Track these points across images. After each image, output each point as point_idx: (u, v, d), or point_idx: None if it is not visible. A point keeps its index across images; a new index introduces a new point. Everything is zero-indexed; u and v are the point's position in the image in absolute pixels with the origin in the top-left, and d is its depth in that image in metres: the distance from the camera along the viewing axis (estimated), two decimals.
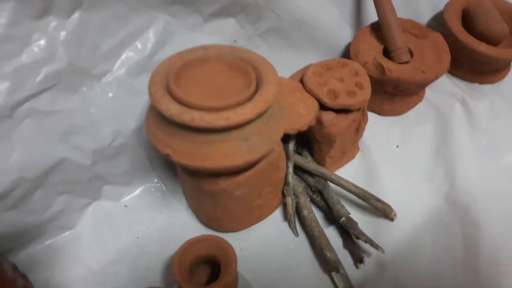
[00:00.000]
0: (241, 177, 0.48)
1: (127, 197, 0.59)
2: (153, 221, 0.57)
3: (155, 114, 0.45)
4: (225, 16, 0.58)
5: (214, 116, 0.40)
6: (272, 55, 0.66)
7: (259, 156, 0.44)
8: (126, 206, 0.58)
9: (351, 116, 0.56)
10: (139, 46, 0.53)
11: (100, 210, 0.57)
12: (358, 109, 0.57)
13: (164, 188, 0.60)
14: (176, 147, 0.43)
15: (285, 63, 0.68)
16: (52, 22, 0.46)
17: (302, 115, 0.54)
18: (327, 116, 0.55)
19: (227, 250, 0.47)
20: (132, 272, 0.52)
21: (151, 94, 0.43)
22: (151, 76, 0.45)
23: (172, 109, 0.41)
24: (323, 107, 0.56)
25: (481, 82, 0.77)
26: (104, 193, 0.57)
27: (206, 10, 0.56)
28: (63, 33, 0.47)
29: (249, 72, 0.45)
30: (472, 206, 0.58)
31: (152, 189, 0.60)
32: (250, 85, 0.44)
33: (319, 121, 0.55)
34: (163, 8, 0.53)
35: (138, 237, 0.55)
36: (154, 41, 0.54)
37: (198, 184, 0.49)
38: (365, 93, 0.55)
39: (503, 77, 0.77)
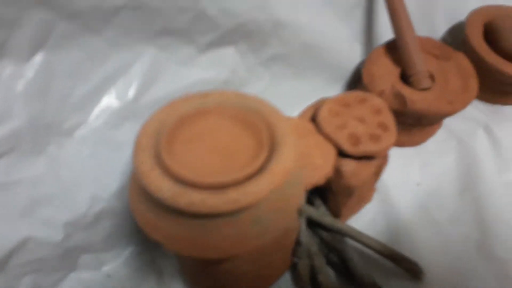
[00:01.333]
0: (248, 253, 0.40)
1: (110, 265, 0.49)
2: None
3: (143, 188, 0.35)
4: (224, 45, 0.49)
5: (219, 198, 0.31)
6: (275, 85, 0.58)
7: (272, 238, 0.35)
8: (108, 276, 0.49)
9: (374, 163, 0.47)
10: (121, 89, 0.44)
11: (77, 284, 0.47)
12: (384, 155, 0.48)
13: (150, 251, 0.50)
14: (170, 234, 0.34)
15: (290, 92, 0.60)
16: (6, 68, 0.37)
17: (318, 166, 0.46)
18: (348, 166, 0.46)
19: None
20: None
21: (136, 166, 0.33)
22: (137, 138, 0.35)
23: (165, 190, 0.32)
24: (340, 153, 0.47)
25: (504, 103, 0.69)
26: (81, 263, 0.47)
27: (202, 39, 0.47)
28: (21, 82, 0.37)
29: (260, 129, 0.36)
30: (510, 260, 0.51)
31: (138, 254, 0.50)
32: (261, 147, 0.35)
33: (337, 171, 0.47)
34: (149, 40, 0.44)
35: None
36: (138, 81, 0.44)
37: (195, 265, 0.40)
38: (391, 136, 0.47)
39: None
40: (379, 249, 0.48)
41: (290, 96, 0.58)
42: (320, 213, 0.50)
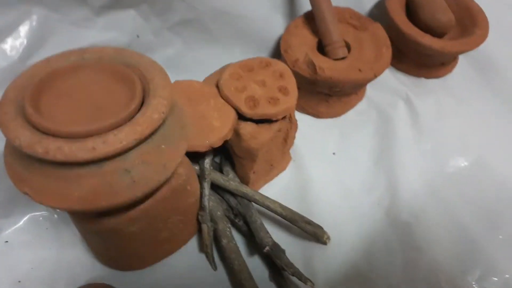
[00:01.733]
0: (134, 212, 0.39)
1: (8, 231, 0.48)
2: (40, 259, 0.47)
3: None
4: (122, 8, 0.48)
5: (77, 146, 0.31)
6: (189, 52, 0.57)
7: (146, 191, 0.34)
8: (6, 241, 0.48)
9: (275, 126, 0.47)
10: (6, 49, 0.42)
11: None
12: (283, 118, 0.48)
13: (55, 216, 0.49)
14: (35, 185, 0.33)
15: (206, 59, 0.59)
16: None
17: (216, 128, 0.45)
18: (246, 128, 0.46)
19: None
20: None
21: None
22: (5, 91, 0.34)
23: (22, 138, 0.31)
24: (242, 116, 0.47)
25: (427, 77, 0.70)
26: None
27: (96, 1, 0.46)
28: None
29: (134, 84, 0.36)
30: (414, 224, 0.52)
31: (40, 218, 0.49)
32: (133, 101, 0.34)
33: (237, 133, 0.47)
34: (37, 0, 0.42)
35: (19, 281, 0.45)
36: (26, 42, 0.43)
37: (80, 222, 0.40)
38: (290, 100, 0.47)
39: (450, 70, 0.71)
40: (282, 213, 0.48)
41: (207, 63, 0.57)
42: (227, 178, 0.50)
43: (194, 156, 0.49)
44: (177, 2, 0.51)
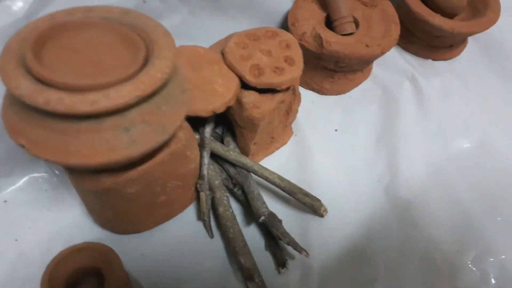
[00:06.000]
0: (132, 173, 0.39)
1: (7, 190, 0.48)
2: (38, 219, 0.47)
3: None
4: None
5: (78, 98, 0.30)
6: (195, 20, 0.56)
7: (144, 151, 0.34)
8: (5, 201, 0.48)
9: (278, 97, 0.47)
10: (11, 5, 0.42)
11: None
12: (287, 89, 0.48)
13: (55, 179, 0.49)
14: (32, 137, 0.33)
15: (213, 30, 0.58)
16: None
17: (219, 94, 0.45)
18: (249, 97, 0.46)
19: (112, 262, 0.38)
20: (9, 284, 0.43)
21: (0, 67, 0.32)
22: (8, 41, 0.34)
23: (23, 87, 0.31)
24: (245, 85, 0.46)
25: (435, 59, 0.69)
26: None
27: None
28: None
29: (138, 45, 0.35)
30: (413, 203, 0.52)
31: (40, 180, 0.49)
32: (136, 60, 0.34)
33: (239, 102, 0.46)
34: None
35: (16, 240, 0.45)
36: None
37: (77, 181, 0.40)
38: (295, 70, 0.46)
39: (458, 53, 0.70)
40: (281, 184, 0.48)
41: (212, 32, 0.57)
42: (227, 149, 0.50)
43: (195, 125, 0.48)
44: None
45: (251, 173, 0.49)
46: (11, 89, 0.31)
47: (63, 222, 0.47)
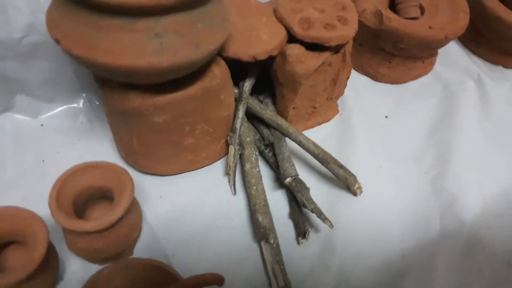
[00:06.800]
0: (162, 99, 0.38)
1: (46, 115, 0.49)
2: (68, 147, 0.47)
3: None
4: None
5: None
6: None
7: (173, 62, 0.33)
8: (42, 125, 0.49)
9: (325, 55, 0.44)
10: None
11: (10, 123, 0.48)
12: (337, 50, 0.45)
13: (91, 113, 0.50)
14: (67, 31, 0.33)
15: None
16: None
17: (262, 41, 0.43)
18: (293, 49, 0.44)
19: (125, 184, 0.36)
20: (27, 198, 0.42)
21: None
22: None
23: None
24: (293, 40, 0.44)
25: (506, 66, 0.63)
26: (17, 104, 0.48)
27: None
28: None
29: None
30: (460, 198, 0.46)
31: (77, 111, 0.50)
32: None
33: (283, 55, 0.44)
34: None
35: (43, 161, 0.46)
36: None
37: (107, 99, 0.39)
38: (348, 29, 0.44)
39: None
40: (315, 151, 0.45)
41: None
42: (264, 107, 0.48)
43: (235, 79, 0.47)
44: None
45: (285, 136, 0.47)
46: None
47: (90, 153, 0.46)
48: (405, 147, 0.52)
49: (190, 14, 0.33)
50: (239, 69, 0.46)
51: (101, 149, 0.47)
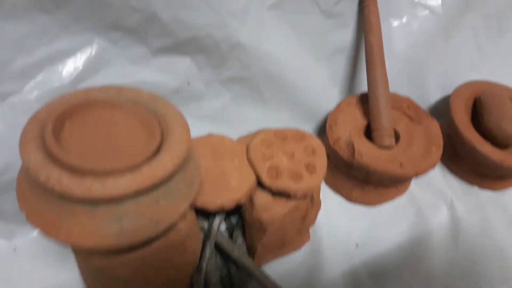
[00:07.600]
0: (125, 257, 0.39)
1: (19, 239, 0.49)
2: (40, 274, 0.47)
3: None
4: (179, 54, 0.50)
5: (76, 181, 0.31)
6: (236, 107, 0.57)
7: (133, 242, 0.34)
8: (15, 249, 0.49)
9: (292, 203, 0.45)
10: (62, 70, 0.45)
11: None
12: (304, 196, 0.46)
13: None
14: (33, 207, 0.34)
15: (252, 119, 0.59)
16: None
17: (231, 188, 0.44)
18: (261, 199, 0.45)
19: None
20: None
21: (22, 132, 0.34)
22: (38, 110, 0.36)
23: (32, 160, 0.32)
24: (262, 186, 0.46)
25: (481, 186, 0.64)
26: None
27: (155, 43, 0.48)
28: None
29: (155, 132, 0.36)
30: None
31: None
32: (149, 149, 0.35)
33: (251, 201, 0.45)
34: (101, 31, 0.45)
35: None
36: (81, 67, 0.46)
37: (75, 252, 0.40)
38: (314, 180, 0.45)
39: (509, 185, 0.65)
40: None
41: (251, 121, 0.58)
42: (232, 245, 0.48)
43: (206, 214, 0.48)
44: (233, 60, 0.52)
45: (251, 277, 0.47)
46: (22, 159, 0.32)
47: (63, 284, 0.46)
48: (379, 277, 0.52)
49: (152, 194, 0.34)
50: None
51: (71, 278, 0.47)
